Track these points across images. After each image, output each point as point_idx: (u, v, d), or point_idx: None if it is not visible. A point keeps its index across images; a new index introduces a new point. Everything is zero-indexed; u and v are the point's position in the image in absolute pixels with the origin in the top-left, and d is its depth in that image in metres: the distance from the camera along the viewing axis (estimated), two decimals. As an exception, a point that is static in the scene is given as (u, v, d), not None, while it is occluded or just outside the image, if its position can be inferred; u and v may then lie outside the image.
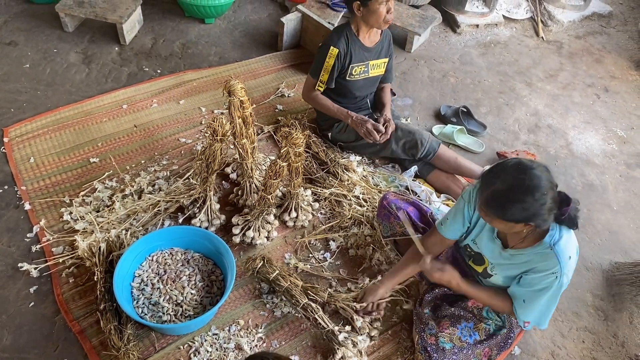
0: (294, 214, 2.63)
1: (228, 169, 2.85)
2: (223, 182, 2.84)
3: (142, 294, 2.25)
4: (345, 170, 2.89)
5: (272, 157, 2.94)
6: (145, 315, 2.20)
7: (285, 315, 2.33)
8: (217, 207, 2.60)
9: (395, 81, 3.50)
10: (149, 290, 2.26)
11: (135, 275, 2.31)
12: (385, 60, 2.91)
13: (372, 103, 3.05)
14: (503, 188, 1.70)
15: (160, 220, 2.57)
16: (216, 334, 2.23)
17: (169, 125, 3.12)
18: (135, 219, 2.55)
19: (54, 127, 2.98)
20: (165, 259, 2.37)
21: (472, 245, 2.12)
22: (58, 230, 2.52)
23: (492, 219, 1.79)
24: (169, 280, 2.29)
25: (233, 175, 2.83)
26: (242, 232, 2.51)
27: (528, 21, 4.62)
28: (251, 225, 2.51)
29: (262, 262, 2.38)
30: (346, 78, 2.83)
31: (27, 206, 2.59)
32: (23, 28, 3.62)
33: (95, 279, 2.25)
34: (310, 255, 2.60)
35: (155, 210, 2.58)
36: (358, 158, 3.00)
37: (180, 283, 2.28)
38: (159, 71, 3.50)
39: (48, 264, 2.38)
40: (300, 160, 2.42)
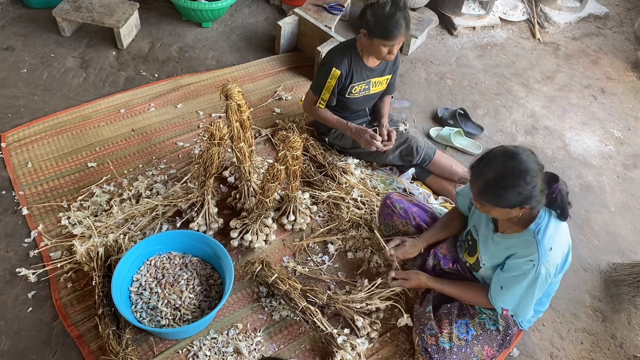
0: (292, 217, 2.64)
1: (226, 173, 2.85)
2: (221, 185, 2.84)
3: (140, 298, 2.25)
4: (343, 173, 2.89)
5: (270, 160, 2.95)
6: (144, 319, 2.19)
7: (284, 319, 2.33)
8: (215, 210, 2.60)
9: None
10: (147, 294, 2.26)
11: (133, 280, 2.31)
12: (389, 77, 2.89)
13: (371, 111, 3.05)
14: (494, 177, 1.76)
15: (158, 224, 2.57)
16: (215, 338, 2.22)
17: (166, 129, 3.12)
18: (133, 223, 2.55)
19: (51, 132, 2.98)
20: (164, 263, 2.37)
21: (473, 232, 2.16)
22: (56, 235, 2.51)
23: (489, 209, 1.85)
24: (167, 284, 2.29)
25: (231, 179, 2.83)
26: (240, 235, 2.51)
27: (524, 23, 4.63)
28: (249, 229, 2.51)
29: (261, 266, 2.38)
30: (346, 95, 2.82)
31: (24, 211, 2.59)
32: (20, 33, 3.62)
33: (93, 284, 2.25)
34: (309, 258, 2.60)
35: (153, 214, 2.58)
36: (356, 161, 3.00)
37: (178, 287, 2.28)
38: (156, 75, 3.50)
39: (46, 269, 2.38)
40: (298, 164, 2.42)
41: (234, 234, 2.50)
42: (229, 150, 2.82)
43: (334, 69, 2.69)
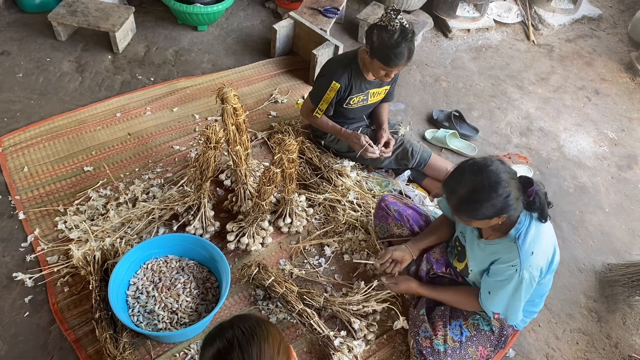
0: (288, 219, 2.64)
1: (222, 176, 2.86)
2: (217, 189, 2.85)
3: (137, 302, 2.26)
4: (339, 175, 2.90)
5: (266, 163, 2.95)
6: (141, 323, 2.20)
7: (281, 322, 2.34)
8: (211, 214, 2.60)
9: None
10: (144, 298, 2.26)
11: (130, 284, 2.31)
12: (387, 88, 2.90)
13: (369, 115, 3.06)
14: (466, 193, 1.79)
15: (154, 228, 2.57)
16: (212, 341, 2.22)
17: (162, 133, 3.12)
18: (129, 227, 2.55)
19: (47, 136, 2.98)
20: (160, 267, 2.37)
21: (460, 239, 2.18)
22: (52, 240, 2.52)
23: (468, 222, 1.90)
24: (164, 288, 2.29)
25: (227, 182, 2.84)
26: (237, 238, 2.51)
27: (519, 25, 4.66)
28: (246, 232, 2.51)
29: (257, 269, 2.39)
30: (344, 106, 2.83)
31: (21, 216, 2.59)
32: (16, 37, 3.62)
33: (90, 288, 2.25)
34: (305, 260, 2.61)
35: (150, 218, 2.58)
36: (352, 163, 3.01)
37: (175, 291, 2.29)
38: (152, 79, 3.51)
39: (43, 273, 2.38)
40: (294, 167, 2.43)
41: (230, 237, 2.51)
42: (225, 153, 2.84)
43: (334, 82, 2.70)
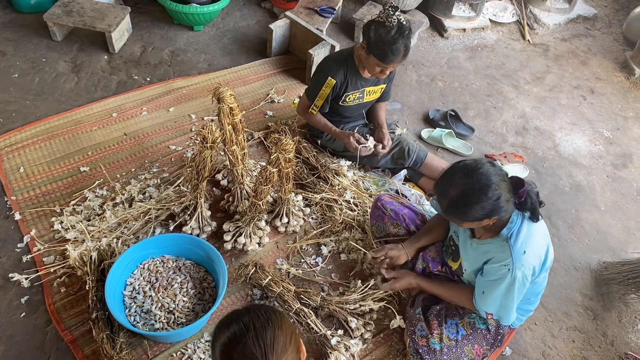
0: (285, 219, 2.64)
1: (219, 176, 2.86)
2: (214, 188, 2.85)
3: (134, 302, 2.25)
4: (335, 175, 2.91)
5: (263, 163, 2.95)
6: (138, 323, 2.20)
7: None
8: (208, 214, 2.60)
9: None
10: (140, 298, 2.26)
11: (127, 284, 2.31)
12: (383, 86, 2.91)
13: (367, 113, 3.06)
14: (456, 195, 1.80)
15: (151, 228, 2.57)
16: (209, 341, 2.23)
17: (159, 133, 3.12)
18: (126, 227, 2.55)
19: (43, 137, 2.97)
20: (157, 267, 2.37)
21: (454, 238, 2.19)
22: (49, 240, 2.51)
23: (459, 223, 1.92)
24: (161, 288, 2.29)
25: (224, 182, 2.84)
26: (234, 238, 2.51)
27: (514, 25, 4.67)
28: (242, 232, 2.51)
29: (254, 268, 2.39)
30: (339, 103, 2.84)
31: (17, 216, 2.58)
32: (11, 38, 3.61)
33: (86, 288, 2.24)
34: (302, 260, 2.61)
35: (146, 218, 2.58)
36: (348, 163, 3.02)
37: (172, 290, 2.29)
38: (148, 79, 3.50)
39: (39, 273, 2.37)
40: (291, 166, 2.43)
41: (227, 237, 2.51)
42: (222, 153, 2.83)
43: (330, 79, 2.70)
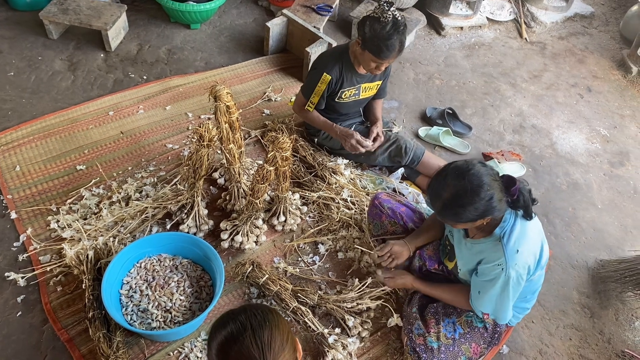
0: (282, 218, 2.64)
1: (215, 174, 2.85)
2: (211, 187, 2.84)
3: (130, 301, 2.25)
4: (332, 173, 2.90)
5: (260, 161, 2.95)
6: (134, 322, 2.19)
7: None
8: (205, 212, 2.60)
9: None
10: (137, 297, 2.25)
11: (123, 283, 2.30)
12: (379, 83, 2.90)
13: (364, 111, 3.06)
14: (449, 197, 1.81)
15: (148, 226, 2.56)
16: (206, 340, 2.22)
17: (155, 132, 3.11)
18: (122, 225, 2.54)
19: (39, 135, 2.96)
20: (154, 266, 2.37)
21: (449, 237, 2.20)
22: (45, 239, 2.50)
23: (453, 224, 1.93)
24: (158, 286, 2.29)
25: (221, 181, 2.83)
26: (231, 237, 2.51)
27: (511, 23, 4.67)
28: (239, 230, 2.51)
29: (252, 267, 2.39)
30: (335, 100, 2.83)
31: (13, 215, 2.58)
32: (7, 36, 3.59)
33: (83, 287, 2.24)
34: (300, 258, 2.61)
35: (143, 216, 2.57)
36: (345, 161, 3.02)
37: (169, 289, 2.28)
38: (145, 77, 3.49)
39: (35, 272, 2.36)
40: (288, 164, 2.43)
41: (224, 236, 2.50)
42: (219, 151, 2.83)
43: (325, 74, 2.70)
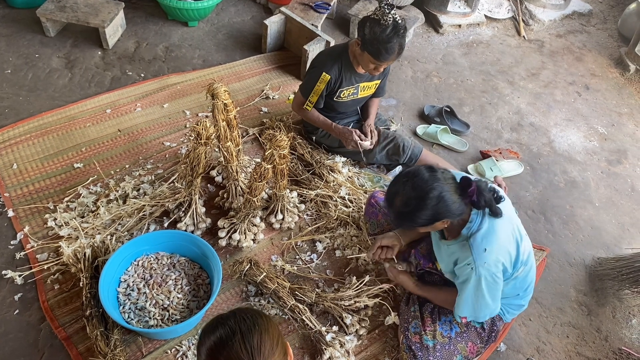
0: (280, 216, 2.64)
1: (213, 172, 2.85)
2: (208, 185, 2.84)
3: (128, 299, 2.25)
4: (330, 171, 2.90)
5: (258, 159, 2.95)
6: (132, 320, 2.19)
7: (273, 317, 2.34)
8: (202, 210, 2.59)
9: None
10: (135, 295, 2.25)
11: (121, 281, 2.30)
12: (377, 82, 2.90)
13: (361, 109, 3.05)
14: (399, 205, 1.85)
15: (145, 224, 2.56)
16: (204, 338, 2.22)
17: (153, 129, 3.11)
18: (120, 223, 2.54)
19: (36, 133, 2.96)
20: (151, 264, 2.36)
21: (432, 239, 2.18)
22: (42, 237, 2.50)
23: (413, 230, 1.96)
24: (155, 284, 2.28)
25: (218, 178, 2.83)
26: (228, 235, 2.51)
27: (509, 21, 4.67)
28: (237, 228, 2.51)
29: (249, 265, 2.39)
30: (334, 99, 2.83)
31: (10, 213, 2.57)
32: (4, 33, 3.58)
33: (80, 285, 2.24)
34: (297, 256, 2.61)
35: (141, 214, 2.57)
36: (343, 159, 3.01)
37: (166, 287, 2.28)
38: (142, 75, 3.49)
39: (32, 270, 2.36)
40: (285, 162, 2.43)
41: (222, 234, 2.50)
42: (216, 149, 2.82)
43: (324, 74, 2.70)
